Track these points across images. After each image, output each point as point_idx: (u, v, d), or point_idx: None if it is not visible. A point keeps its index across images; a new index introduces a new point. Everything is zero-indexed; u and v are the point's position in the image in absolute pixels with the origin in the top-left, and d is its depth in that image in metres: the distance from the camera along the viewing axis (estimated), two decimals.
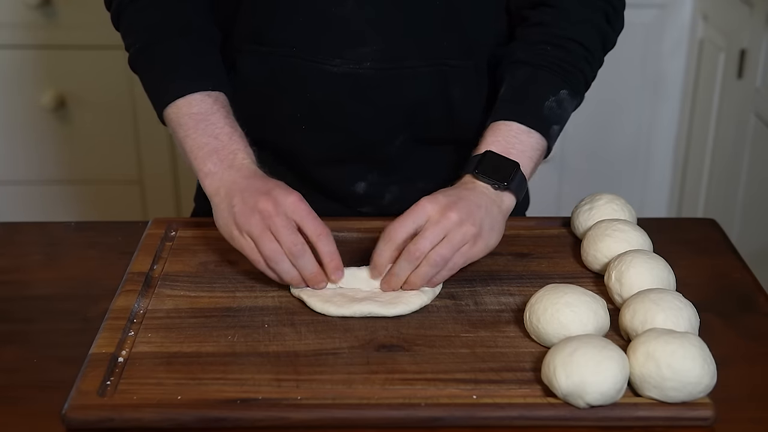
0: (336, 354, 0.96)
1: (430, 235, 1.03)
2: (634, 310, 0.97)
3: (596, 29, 1.20)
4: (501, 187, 1.09)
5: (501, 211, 1.09)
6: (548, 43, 1.18)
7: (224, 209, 1.07)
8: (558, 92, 1.16)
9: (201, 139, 1.11)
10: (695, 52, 2.40)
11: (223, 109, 1.14)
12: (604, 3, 1.20)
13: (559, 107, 1.16)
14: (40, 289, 1.13)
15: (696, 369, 0.87)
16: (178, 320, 1.02)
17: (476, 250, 1.06)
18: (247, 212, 1.04)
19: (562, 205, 2.51)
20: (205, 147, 1.11)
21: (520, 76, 1.18)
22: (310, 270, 1.03)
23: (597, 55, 1.21)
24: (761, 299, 1.09)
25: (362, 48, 1.17)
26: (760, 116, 2.05)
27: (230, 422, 0.88)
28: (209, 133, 1.11)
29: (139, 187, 2.51)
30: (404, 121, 1.23)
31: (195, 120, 1.12)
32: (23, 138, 2.44)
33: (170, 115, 1.15)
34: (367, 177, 1.27)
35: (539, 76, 1.17)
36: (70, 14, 2.31)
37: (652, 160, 2.56)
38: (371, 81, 1.19)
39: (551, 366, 0.89)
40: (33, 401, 0.92)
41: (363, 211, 1.28)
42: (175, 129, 1.14)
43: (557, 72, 1.17)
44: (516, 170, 1.10)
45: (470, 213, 1.04)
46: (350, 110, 1.21)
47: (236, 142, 1.11)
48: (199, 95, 1.13)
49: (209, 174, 1.09)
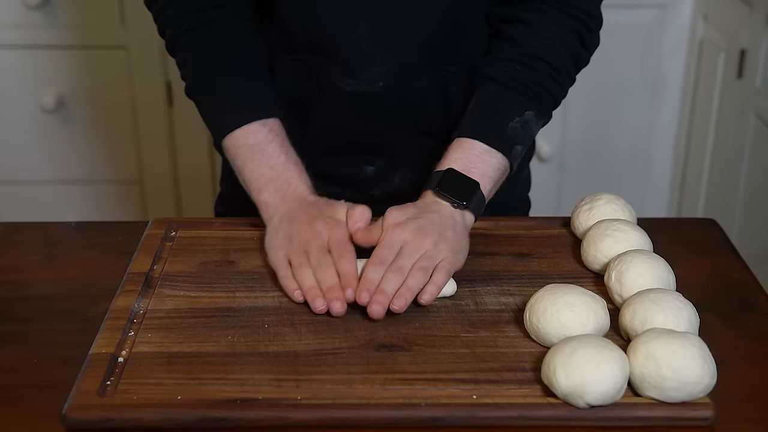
0: (336, 354, 0.96)
1: (407, 255, 1.05)
2: (634, 310, 0.97)
3: (567, 48, 1.20)
4: (460, 206, 1.12)
5: (465, 228, 1.12)
6: (517, 62, 1.19)
7: (271, 234, 1.12)
8: (523, 113, 1.18)
9: (257, 170, 1.16)
10: (695, 52, 2.40)
11: (278, 138, 1.18)
12: (577, 22, 1.20)
13: (523, 128, 1.18)
14: (40, 289, 1.13)
15: (696, 369, 0.87)
16: (178, 320, 1.02)
17: (457, 260, 1.08)
18: (288, 237, 1.09)
19: (562, 205, 2.51)
20: (261, 178, 1.16)
21: (488, 93, 1.20)
22: (329, 283, 1.04)
23: (566, 74, 1.21)
24: (761, 299, 1.09)
25: (375, 68, 1.21)
26: (760, 116, 2.05)
27: (230, 422, 0.88)
28: (265, 164, 1.16)
29: (139, 187, 2.51)
30: (408, 120, 1.26)
31: (252, 151, 1.17)
32: (23, 138, 2.44)
33: (228, 145, 1.19)
34: (375, 162, 1.30)
35: (505, 96, 1.18)
36: (70, 14, 2.31)
37: (652, 160, 2.56)
38: (383, 98, 1.23)
39: (551, 366, 0.89)
40: (33, 401, 0.92)
41: (374, 194, 1.30)
42: (233, 159, 1.19)
43: (524, 92, 1.18)
44: (475, 190, 1.13)
45: (441, 235, 1.07)
46: (360, 122, 1.25)
47: (290, 170, 1.16)
48: (255, 125, 1.17)
49: (264, 203, 1.15)
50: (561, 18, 1.20)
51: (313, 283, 1.04)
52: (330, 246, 1.07)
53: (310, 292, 1.04)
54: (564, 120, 2.43)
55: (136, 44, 2.33)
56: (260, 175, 1.16)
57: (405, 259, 1.05)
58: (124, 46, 2.34)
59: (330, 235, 1.08)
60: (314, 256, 1.06)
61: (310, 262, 1.06)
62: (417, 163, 1.29)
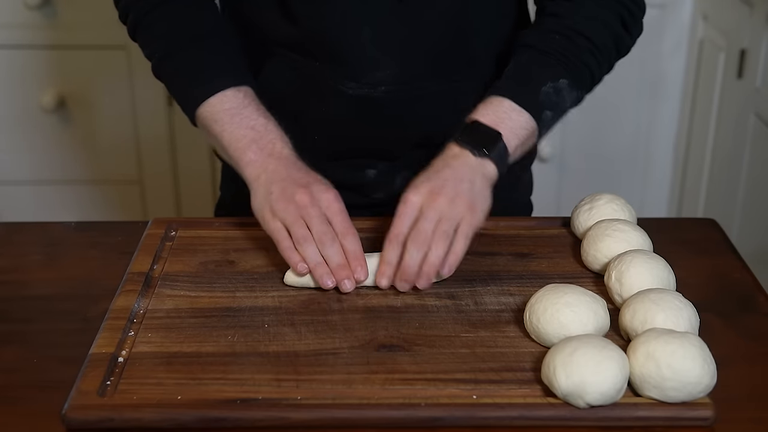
0: (336, 354, 0.96)
1: (426, 218, 1.05)
2: (634, 310, 0.97)
3: (608, 29, 1.20)
4: (481, 153, 1.10)
5: (485, 179, 1.10)
6: (557, 33, 1.19)
7: (262, 194, 1.10)
8: (558, 80, 1.17)
9: (238, 131, 1.14)
10: (695, 52, 2.40)
11: (254, 102, 1.17)
12: (621, 6, 1.20)
13: (557, 95, 1.17)
14: (40, 289, 1.13)
15: (696, 369, 0.87)
16: (178, 320, 1.02)
17: (476, 218, 1.07)
18: (283, 200, 1.08)
19: (562, 205, 2.51)
20: (243, 139, 1.14)
21: (524, 58, 1.19)
22: (337, 261, 1.05)
23: (606, 54, 1.21)
24: (761, 299, 1.09)
25: (378, 73, 1.21)
26: (760, 116, 2.05)
27: (230, 422, 0.88)
28: (245, 125, 1.15)
29: (139, 187, 2.51)
30: (411, 127, 1.26)
31: (229, 114, 1.16)
32: (23, 138, 2.44)
33: (204, 113, 1.18)
34: (377, 165, 1.30)
35: (542, 61, 1.18)
36: (70, 14, 2.31)
37: (652, 160, 2.56)
38: (385, 102, 1.22)
39: (551, 366, 0.89)
40: (33, 401, 0.92)
41: (376, 198, 1.30)
42: (210, 126, 1.17)
43: (561, 60, 1.18)
44: (498, 140, 1.12)
45: (457, 191, 1.07)
46: (362, 126, 1.25)
47: (272, 131, 1.15)
48: (230, 91, 1.17)
49: (250, 162, 1.13)
50: (605, 1, 1.20)
51: (320, 260, 1.04)
52: (330, 218, 1.07)
53: (318, 269, 1.04)
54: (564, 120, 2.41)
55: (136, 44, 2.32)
56: (242, 135, 1.14)
57: (424, 222, 1.04)
58: (124, 46, 2.34)
59: (327, 204, 1.07)
60: (316, 228, 1.05)
61: (312, 235, 1.05)
62: (419, 167, 1.28)
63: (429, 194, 1.06)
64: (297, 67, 1.24)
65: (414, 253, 1.04)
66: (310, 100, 1.25)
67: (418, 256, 1.04)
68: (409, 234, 1.05)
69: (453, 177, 1.08)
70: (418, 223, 1.05)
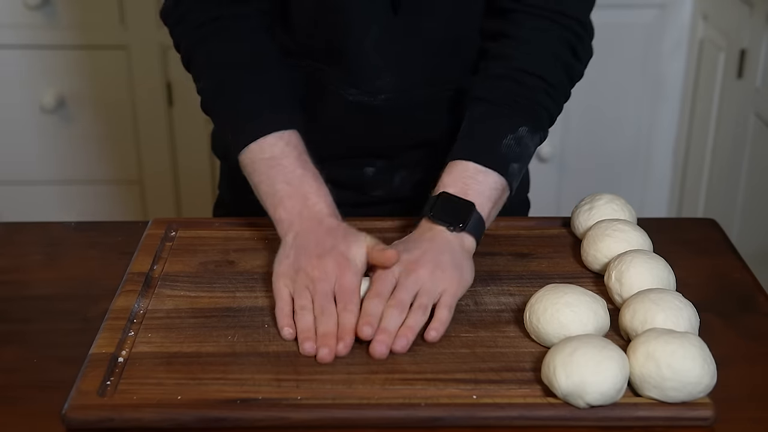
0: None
1: (405, 288, 1.01)
2: (634, 310, 0.97)
3: (558, 62, 1.16)
4: (457, 229, 1.07)
5: (464, 250, 1.07)
6: (508, 78, 1.15)
7: (282, 254, 1.07)
8: (516, 129, 1.13)
9: (273, 186, 1.11)
10: (695, 52, 2.40)
11: (294, 151, 1.13)
12: (568, 33, 1.16)
13: (518, 145, 1.13)
14: (40, 289, 1.13)
15: (696, 369, 0.87)
16: (178, 320, 1.02)
17: (459, 288, 1.04)
18: (296, 268, 1.04)
19: (562, 205, 2.51)
20: (277, 194, 1.11)
21: (478, 113, 1.15)
22: (325, 330, 0.98)
23: (561, 89, 1.17)
24: (761, 299, 1.09)
25: (378, 81, 1.20)
26: (760, 116, 2.05)
27: (230, 422, 0.88)
28: (281, 179, 1.11)
29: (139, 187, 2.51)
30: (412, 135, 1.26)
31: (267, 166, 1.12)
32: (23, 138, 2.44)
33: (245, 160, 1.14)
34: (375, 164, 1.29)
35: (497, 114, 1.14)
36: (70, 14, 2.31)
37: (652, 160, 2.56)
38: (384, 110, 1.22)
39: (551, 366, 0.89)
40: (33, 401, 0.92)
41: (375, 195, 1.29)
42: (250, 175, 1.14)
43: (516, 109, 1.14)
44: (472, 211, 1.08)
45: (436, 262, 1.03)
46: (361, 130, 1.25)
47: (307, 184, 1.11)
48: (270, 138, 1.13)
49: (280, 221, 1.10)
50: (550, 29, 1.16)
51: (309, 326, 0.99)
52: (336, 292, 1.02)
53: (303, 334, 0.99)
54: (564, 120, 2.42)
55: (136, 44, 2.33)
56: (276, 191, 1.11)
57: (402, 292, 1.00)
58: (124, 46, 2.34)
59: (338, 280, 1.02)
60: (318, 302, 1.01)
61: (313, 307, 1.01)
62: (418, 165, 1.29)
63: (408, 264, 1.03)
64: (304, 71, 1.24)
65: (392, 316, 0.99)
66: (312, 102, 1.25)
67: (396, 321, 0.99)
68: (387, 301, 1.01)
69: (432, 249, 1.04)
70: (396, 292, 1.01)
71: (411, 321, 0.99)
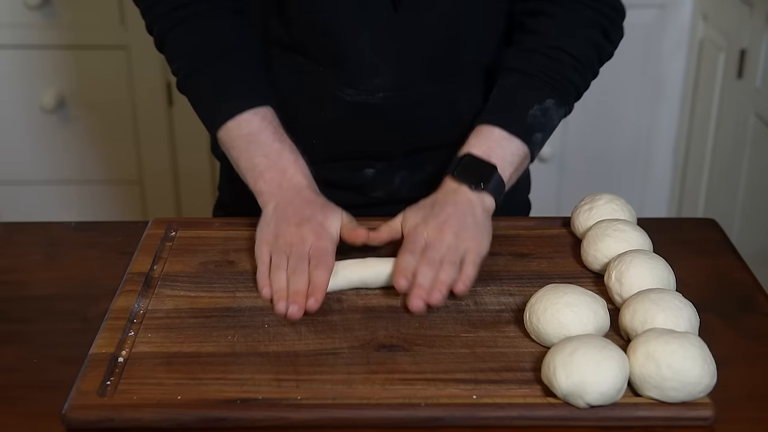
0: (336, 354, 0.96)
1: (435, 249, 1.06)
2: (634, 310, 0.97)
3: (590, 41, 1.21)
4: (478, 188, 1.12)
5: (485, 212, 1.13)
6: (539, 52, 1.19)
7: (263, 223, 1.13)
8: (544, 101, 1.18)
9: (252, 160, 1.16)
10: (695, 52, 2.40)
11: (270, 126, 1.17)
12: (600, 16, 1.21)
13: (544, 116, 1.18)
14: (40, 289, 1.13)
15: (696, 369, 0.87)
16: (178, 320, 1.02)
17: (482, 248, 1.09)
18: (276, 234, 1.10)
19: (562, 205, 2.51)
20: (256, 167, 1.15)
21: (509, 82, 1.20)
22: (296, 288, 1.04)
23: (590, 67, 1.22)
24: (761, 299, 1.09)
25: (376, 79, 1.21)
26: (760, 116, 2.05)
27: (230, 422, 0.88)
28: (259, 153, 1.15)
29: (139, 187, 2.51)
30: (412, 136, 1.27)
31: (245, 141, 1.16)
32: (23, 138, 2.44)
33: (222, 137, 1.18)
34: (375, 165, 1.30)
35: (526, 84, 1.19)
36: (70, 14, 2.31)
37: (652, 160, 2.56)
38: (382, 109, 1.23)
39: (551, 366, 0.89)
40: (33, 401, 0.92)
41: (375, 196, 1.30)
42: (228, 151, 1.19)
43: (546, 81, 1.18)
44: (493, 173, 1.13)
45: (461, 225, 1.09)
46: (360, 131, 1.25)
47: (285, 158, 1.15)
48: (246, 115, 1.17)
49: (260, 193, 1.15)
50: (584, 12, 1.20)
51: (282, 286, 1.05)
52: (311, 254, 1.07)
53: (277, 294, 1.04)
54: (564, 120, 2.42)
55: (136, 44, 2.33)
56: (255, 164, 1.15)
57: (433, 251, 1.06)
58: (124, 46, 2.34)
59: (314, 244, 1.08)
60: (293, 261, 1.06)
61: (287, 266, 1.06)
62: (417, 166, 1.29)
63: (435, 228, 1.08)
64: (302, 71, 1.24)
65: (426, 272, 1.04)
66: (310, 104, 1.25)
67: (429, 276, 1.04)
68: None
69: (456, 212, 1.10)
70: (427, 252, 1.06)
71: (443, 276, 1.04)
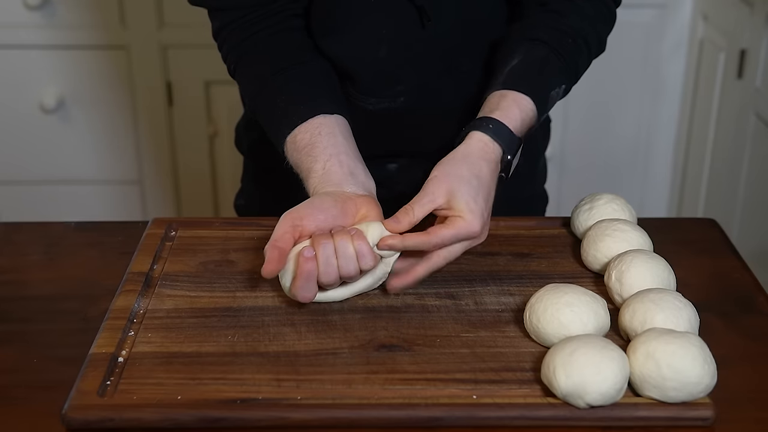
0: (336, 354, 0.96)
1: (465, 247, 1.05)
2: (633, 310, 0.97)
3: (597, 34, 1.21)
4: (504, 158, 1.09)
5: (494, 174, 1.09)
6: (568, 35, 1.18)
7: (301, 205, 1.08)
8: (561, 85, 1.17)
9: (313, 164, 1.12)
10: (695, 52, 2.40)
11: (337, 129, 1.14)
12: (605, 7, 1.22)
13: (556, 97, 1.18)
14: (40, 289, 1.13)
15: (696, 369, 0.87)
16: (178, 320, 1.02)
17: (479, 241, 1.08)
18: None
19: (562, 205, 2.51)
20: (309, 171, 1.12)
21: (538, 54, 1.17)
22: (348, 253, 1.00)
23: (591, 58, 1.22)
24: (761, 299, 1.09)
25: (397, 86, 1.22)
26: (760, 116, 2.05)
27: (230, 422, 0.88)
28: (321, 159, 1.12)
29: (139, 187, 2.51)
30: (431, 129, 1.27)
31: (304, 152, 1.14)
32: (23, 138, 2.44)
33: (287, 150, 1.16)
34: (398, 161, 1.31)
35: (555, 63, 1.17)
36: (70, 14, 2.31)
37: (652, 160, 2.56)
38: (405, 114, 1.24)
39: (551, 366, 0.89)
40: (33, 401, 0.93)
41: (399, 190, 1.29)
42: (290, 154, 1.16)
43: (570, 65, 1.18)
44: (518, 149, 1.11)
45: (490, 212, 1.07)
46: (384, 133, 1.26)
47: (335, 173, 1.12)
48: (305, 124, 1.14)
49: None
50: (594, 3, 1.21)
51: (329, 261, 1.00)
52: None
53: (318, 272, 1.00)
54: (564, 120, 2.43)
55: (136, 44, 2.33)
56: (307, 169, 1.12)
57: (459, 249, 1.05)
58: (124, 46, 2.34)
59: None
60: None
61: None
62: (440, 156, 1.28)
63: (484, 227, 1.05)
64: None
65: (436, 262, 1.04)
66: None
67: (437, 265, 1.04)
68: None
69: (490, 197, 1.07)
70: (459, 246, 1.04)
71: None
